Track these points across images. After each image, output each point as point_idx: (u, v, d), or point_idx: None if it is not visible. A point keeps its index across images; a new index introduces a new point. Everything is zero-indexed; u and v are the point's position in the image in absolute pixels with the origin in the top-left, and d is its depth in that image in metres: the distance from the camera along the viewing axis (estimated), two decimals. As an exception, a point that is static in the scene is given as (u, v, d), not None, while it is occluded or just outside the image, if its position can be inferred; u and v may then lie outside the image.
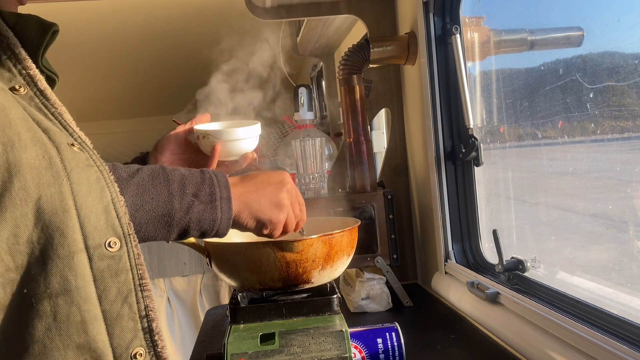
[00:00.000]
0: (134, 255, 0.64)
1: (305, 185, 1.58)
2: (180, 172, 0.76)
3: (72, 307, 0.59)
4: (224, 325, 1.44)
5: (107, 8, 2.33)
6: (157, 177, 0.73)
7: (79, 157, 0.63)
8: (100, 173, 0.64)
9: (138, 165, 0.74)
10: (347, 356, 0.85)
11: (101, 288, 0.61)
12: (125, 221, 0.64)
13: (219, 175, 0.79)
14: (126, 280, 0.63)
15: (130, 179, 0.71)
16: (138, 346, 0.63)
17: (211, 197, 0.76)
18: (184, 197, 0.74)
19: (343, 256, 0.99)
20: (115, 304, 0.62)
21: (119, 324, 0.62)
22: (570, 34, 1.24)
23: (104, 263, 0.61)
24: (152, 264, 3.19)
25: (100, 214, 0.62)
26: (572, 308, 1.01)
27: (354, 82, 1.60)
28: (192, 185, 0.75)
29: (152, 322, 0.64)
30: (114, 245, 0.62)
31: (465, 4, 1.43)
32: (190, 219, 0.74)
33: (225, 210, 0.77)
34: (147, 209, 0.71)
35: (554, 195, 1.44)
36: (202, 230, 0.76)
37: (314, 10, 1.76)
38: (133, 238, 0.64)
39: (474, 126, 1.37)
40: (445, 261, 1.48)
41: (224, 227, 0.78)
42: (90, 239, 0.60)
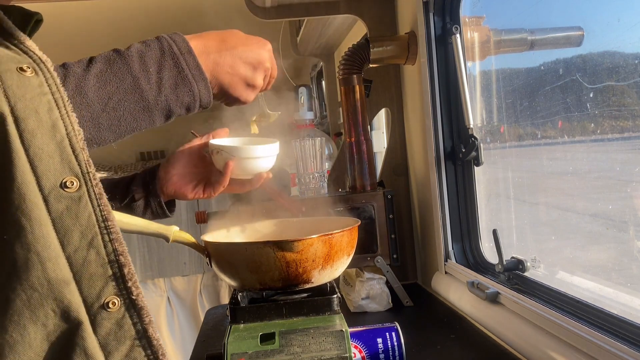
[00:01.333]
0: (96, 194, 0.58)
1: (305, 185, 1.58)
2: (137, 48, 0.70)
3: (30, 253, 0.54)
4: (224, 325, 1.44)
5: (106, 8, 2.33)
6: (114, 62, 0.67)
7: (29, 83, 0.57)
8: (53, 102, 0.58)
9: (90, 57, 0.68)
10: (347, 356, 0.85)
11: (62, 233, 0.56)
12: (84, 158, 0.58)
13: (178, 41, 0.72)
14: (89, 223, 0.58)
15: (87, 72, 0.65)
16: (110, 294, 0.58)
17: (178, 69, 0.70)
18: (150, 77, 0.68)
19: (343, 256, 0.99)
20: (80, 250, 0.57)
21: (87, 271, 0.57)
22: (570, 34, 1.24)
23: (62, 205, 0.56)
24: (152, 264, 3.19)
25: (53, 151, 0.56)
26: (572, 308, 1.01)
27: (354, 82, 1.60)
28: (154, 62, 0.69)
29: (124, 268, 0.59)
30: (72, 185, 0.57)
31: (465, 4, 1.43)
32: (166, 96, 0.69)
33: (199, 76, 0.72)
34: (116, 99, 0.66)
35: (554, 195, 1.44)
36: (186, 105, 0.71)
37: (314, 10, 1.76)
38: (93, 176, 0.58)
39: (474, 126, 1.37)
40: (445, 261, 1.48)
41: (206, 96, 0.73)
42: (44, 179, 0.55)
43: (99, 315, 0.58)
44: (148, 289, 3.19)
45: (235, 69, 0.77)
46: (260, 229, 1.14)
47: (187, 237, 0.93)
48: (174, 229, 0.90)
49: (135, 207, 0.99)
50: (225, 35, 0.78)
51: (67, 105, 0.58)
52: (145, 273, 3.19)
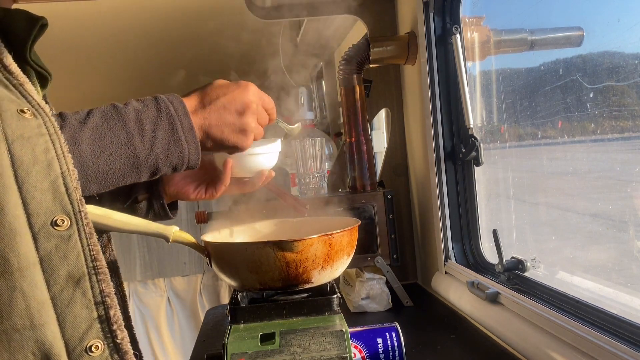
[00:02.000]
0: (86, 234, 0.58)
1: (305, 185, 1.58)
2: (134, 106, 0.71)
3: (15, 291, 0.53)
4: (224, 325, 1.44)
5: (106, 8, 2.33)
6: (110, 118, 0.68)
7: (28, 124, 0.57)
8: (50, 143, 0.58)
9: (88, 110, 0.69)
10: (347, 356, 0.85)
11: (49, 272, 0.55)
12: (76, 197, 0.58)
13: (175, 103, 0.73)
14: (77, 262, 0.57)
15: (83, 125, 0.66)
16: (94, 338, 0.57)
17: (172, 130, 0.71)
18: (144, 135, 0.68)
19: (343, 256, 0.99)
20: (66, 290, 0.56)
21: (71, 312, 0.56)
22: (570, 34, 1.24)
23: (51, 243, 0.56)
24: (152, 264, 3.19)
25: (46, 189, 0.56)
26: (572, 308, 1.01)
27: (354, 82, 1.60)
28: (150, 120, 0.70)
29: (110, 310, 0.58)
30: (62, 224, 0.57)
31: (465, 4, 1.43)
32: (157, 155, 0.69)
33: (191, 140, 0.72)
34: (108, 154, 0.66)
35: (554, 195, 1.44)
36: (173, 165, 0.72)
37: (314, 10, 1.76)
38: (84, 215, 0.58)
39: (474, 126, 1.37)
40: (445, 261, 1.48)
41: (194, 159, 0.74)
42: (35, 216, 0.55)
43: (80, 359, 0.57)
44: (148, 289, 3.19)
45: (222, 120, 0.77)
46: (260, 229, 1.14)
47: (187, 237, 0.93)
48: (174, 229, 0.90)
49: (138, 208, 0.99)
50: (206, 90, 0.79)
51: (63, 146, 0.59)
52: (145, 273, 3.19)
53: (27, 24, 0.69)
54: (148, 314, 3.13)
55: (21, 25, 0.68)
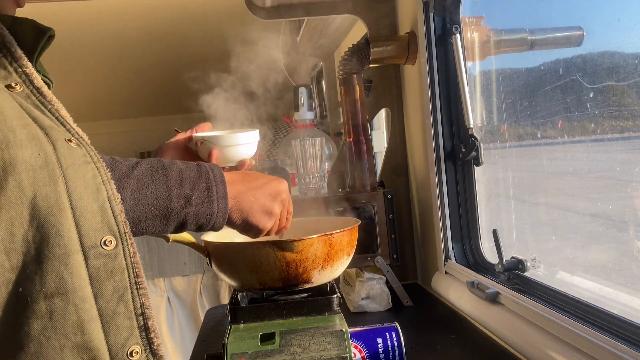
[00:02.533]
0: (130, 253, 0.64)
1: (305, 185, 1.58)
2: (178, 166, 0.76)
3: (69, 306, 0.58)
4: (224, 325, 1.44)
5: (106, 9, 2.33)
6: (156, 171, 0.73)
7: (76, 153, 0.63)
8: (97, 170, 0.63)
9: (137, 159, 0.74)
10: (347, 356, 0.85)
11: (97, 287, 0.61)
12: (121, 219, 0.63)
13: (215, 170, 0.79)
14: (122, 278, 0.63)
15: (130, 172, 0.71)
16: (134, 344, 0.63)
17: (208, 192, 0.76)
18: (182, 192, 0.74)
19: (343, 256, 0.99)
20: (111, 303, 0.62)
21: (115, 322, 0.62)
22: (570, 34, 1.24)
23: (100, 262, 0.61)
24: (152, 264, 3.19)
25: (96, 212, 0.61)
26: (572, 308, 1.01)
27: (354, 82, 1.60)
28: (190, 181, 0.75)
29: (148, 320, 0.65)
30: (110, 244, 0.62)
31: (465, 4, 1.43)
32: (187, 213, 0.74)
33: (222, 205, 0.78)
34: (145, 203, 0.71)
35: (554, 195, 1.44)
36: (199, 224, 0.77)
37: (314, 10, 1.76)
38: (129, 236, 0.64)
39: (474, 126, 1.37)
40: (445, 261, 1.48)
41: (220, 222, 0.78)
42: (86, 237, 0.60)
43: None
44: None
45: (256, 196, 0.84)
46: (260, 229, 1.14)
47: (187, 237, 0.93)
48: (174, 229, 0.90)
49: None
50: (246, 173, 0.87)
51: (107, 173, 0.64)
52: (146, 273, 3.15)
53: (35, 34, 0.71)
54: (148, 314, 3.12)
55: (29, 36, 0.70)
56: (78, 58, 2.88)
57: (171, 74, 3.23)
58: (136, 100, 3.66)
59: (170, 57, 3.02)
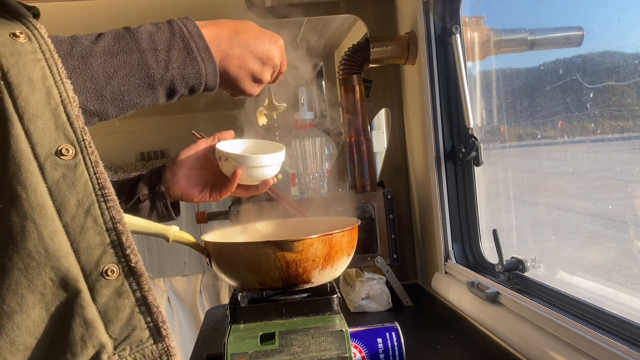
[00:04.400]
0: (92, 162, 0.58)
1: (305, 185, 1.58)
2: (147, 28, 0.70)
3: (27, 221, 0.54)
4: (224, 325, 1.44)
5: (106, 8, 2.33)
6: (122, 38, 0.67)
7: (22, 49, 0.56)
8: (47, 68, 0.57)
9: (99, 32, 0.68)
10: (347, 356, 0.85)
11: (58, 200, 0.56)
12: (79, 125, 0.57)
13: (189, 25, 0.72)
14: (85, 190, 0.57)
15: (94, 45, 0.64)
16: (109, 262, 0.58)
17: (187, 51, 0.70)
18: (158, 55, 0.68)
19: (343, 256, 0.99)
20: (78, 218, 0.56)
21: (84, 238, 0.57)
22: (570, 34, 1.24)
23: (58, 172, 0.56)
24: (152, 264, 3.19)
25: (48, 118, 0.55)
26: (572, 308, 1.01)
27: (354, 82, 1.60)
28: (163, 42, 0.69)
29: (121, 235, 0.59)
30: (67, 153, 0.56)
31: (465, 4, 1.43)
32: (172, 75, 0.69)
33: (207, 59, 0.71)
34: (121, 74, 0.65)
35: (554, 195, 1.44)
36: (190, 86, 0.71)
37: (314, 10, 1.76)
38: (89, 144, 0.58)
39: (473, 126, 1.37)
40: (445, 261, 1.48)
41: (212, 78, 0.73)
42: (39, 146, 0.55)
43: (97, 283, 0.57)
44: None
45: (244, 62, 0.76)
46: (260, 229, 1.14)
47: (187, 237, 0.93)
48: (174, 229, 0.90)
49: (141, 208, 0.99)
50: (238, 26, 0.78)
51: (61, 71, 0.58)
52: (145, 273, 3.19)
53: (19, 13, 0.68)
54: (148, 314, 3.12)
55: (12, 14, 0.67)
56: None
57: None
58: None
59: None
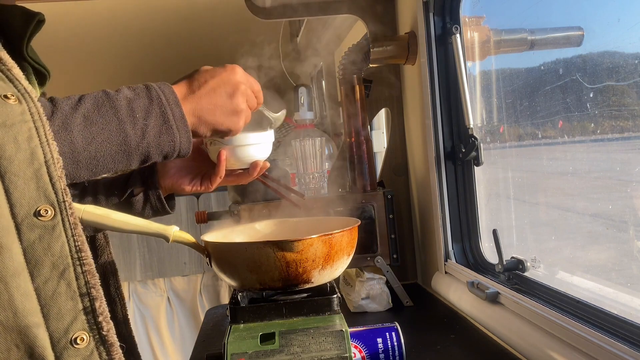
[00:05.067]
0: (70, 224, 0.57)
1: (305, 185, 1.58)
2: (125, 94, 0.70)
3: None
4: (224, 325, 1.44)
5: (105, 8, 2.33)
6: (102, 105, 0.68)
7: (11, 110, 0.56)
8: (34, 130, 0.57)
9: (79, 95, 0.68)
10: (347, 356, 0.85)
11: (32, 262, 0.54)
12: (61, 186, 0.57)
13: (166, 92, 0.73)
14: (62, 253, 0.56)
15: (74, 111, 0.65)
16: (79, 329, 0.56)
17: (164, 119, 0.71)
18: (136, 124, 0.69)
19: (343, 256, 0.99)
20: (51, 282, 0.55)
21: (55, 304, 0.55)
22: (570, 34, 1.24)
23: (35, 234, 0.55)
24: (152, 264, 3.19)
25: (29, 178, 0.55)
26: (572, 308, 1.01)
27: (354, 82, 1.60)
28: (141, 109, 0.70)
29: (95, 301, 0.57)
30: (46, 214, 0.55)
31: (465, 4, 1.43)
32: (148, 143, 0.69)
33: (182, 128, 0.72)
34: (99, 140, 0.66)
35: (554, 195, 1.44)
36: (164, 154, 0.72)
37: (314, 10, 1.76)
38: (69, 205, 0.57)
39: (473, 126, 1.37)
40: (445, 261, 1.48)
41: (186, 147, 0.74)
42: (18, 206, 0.54)
43: (65, 352, 0.56)
44: (148, 289, 3.19)
45: (213, 103, 0.77)
46: (260, 229, 1.14)
47: (187, 237, 0.93)
48: (174, 229, 0.90)
49: (135, 202, 0.98)
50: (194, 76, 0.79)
51: (47, 133, 0.58)
52: (145, 273, 3.19)
53: (24, 19, 0.69)
54: (148, 314, 3.13)
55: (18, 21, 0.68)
56: (78, 58, 2.88)
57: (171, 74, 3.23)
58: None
59: (170, 57, 3.02)
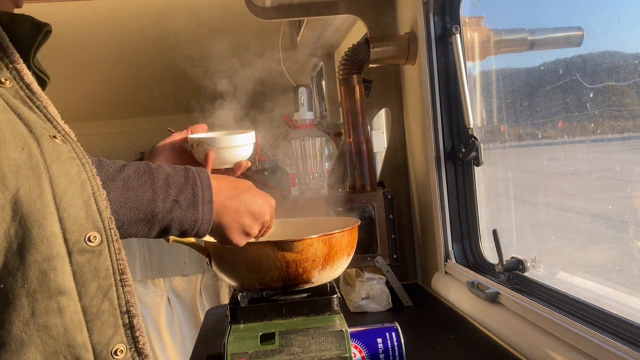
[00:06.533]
0: (115, 249, 0.63)
1: (305, 185, 1.58)
2: (165, 170, 0.76)
3: (51, 302, 0.58)
4: (224, 325, 1.44)
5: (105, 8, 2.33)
6: (142, 174, 0.73)
7: (61, 149, 0.62)
8: (82, 166, 0.63)
9: (124, 162, 0.74)
10: (347, 356, 0.85)
11: (81, 284, 0.60)
12: (107, 215, 0.63)
13: (202, 176, 0.78)
14: (106, 275, 0.62)
15: (117, 174, 0.70)
16: (119, 342, 0.62)
17: (194, 199, 0.75)
18: (167, 197, 0.73)
19: (343, 256, 0.99)
20: (95, 300, 0.61)
21: (99, 319, 0.61)
22: (570, 34, 1.24)
23: (84, 258, 0.60)
24: (152, 264, 3.19)
25: (80, 207, 0.61)
26: (572, 308, 1.01)
27: (354, 82, 1.60)
28: (176, 186, 0.75)
29: (134, 318, 0.64)
30: (94, 240, 0.61)
31: (465, 4, 1.43)
32: (172, 218, 0.73)
33: (207, 212, 0.77)
34: (130, 206, 0.70)
35: (554, 195, 1.44)
36: (183, 230, 0.76)
37: (314, 10, 1.76)
38: (114, 232, 0.63)
39: (474, 126, 1.37)
40: (445, 261, 1.48)
41: (204, 229, 0.78)
42: (70, 232, 0.60)
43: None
44: (148, 289, 3.19)
45: (238, 214, 0.82)
46: (260, 229, 1.14)
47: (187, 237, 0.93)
48: (174, 229, 0.90)
49: None
50: (238, 184, 0.84)
51: (92, 170, 0.64)
52: (145, 273, 3.19)
53: (32, 30, 0.70)
54: (148, 314, 3.13)
55: (26, 31, 0.70)
56: (77, 58, 2.88)
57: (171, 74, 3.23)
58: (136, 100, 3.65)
59: (169, 57, 3.02)
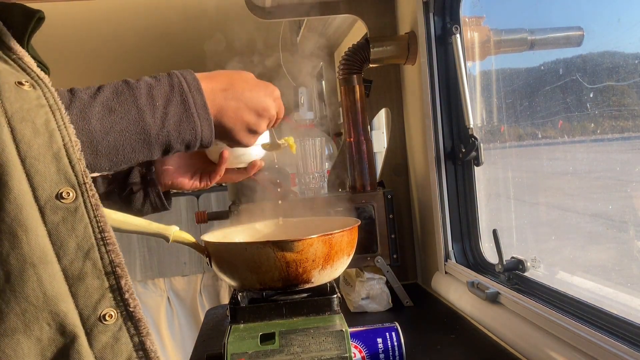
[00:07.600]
0: (92, 205, 0.58)
1: (305, 185, 1.58)
2: (147, 82, 0.70)
3: (26, 265, 0.54)
4: (224, 325, 1.44)
5: (105, 8, 2.33)
6: (121, 93, 0.67)
7: (27, 96, 0.57)
8: (51, 114, 0.58)
9: (99, 85, 0.68)
10: (347, 356, 0.85)
11: (58, 244, 0.56)
12: (80, 169, 0.58)
13: (189, 78, 0.72)
14: (85, 233, 0.57)
15: (93, 100, 0.65)
16: (107, 307, 0.58)
17: (185, 106, 0.70)
18: (156, 111, 0.68)
19: (343, 256, 0.99)
20: (76, 262, 0.57)
21: (83, 283, 0.57)
22: (570, 34, 1.24)
23: (58, 216, 0.56)
24: (152, 264, 3.19)
25: (49, 161, 0.56)
26: (572, 308, 1.01)
27: (354, 82, 1.60)
28: (162, 97, 0.69)
29: (120, 279, 0.59)
30: (68, 196, 0.56)
31: (465, 4, 1.43)
32: (168, 132, 0.69)
33: (204, 116, 0.72)
34: (118, 129, 0.65)
35: (554, 195, 1.44)
36: (186, 143, 0.71)
37: (314, 10, 1.76)
38: (89, 187, 0.58)
39: (474, 126, 1.37)
40: (445, 261, 1.48)
41: (208, 136, 0.73)
42: (40, 189, 0.55)
43: (95, 328, 0.57)
44: (148, 289, 3.19)
45: (239, 114, 0.77)
46: (260, 229, 1.14)
47: (187, 237, 0.93)
48: (174, 229, 0.90)
49: (135, 199, 0.98)
50: (234, 79, 0.78)
51: (64, 117, 0.58)
52: (145, 273, 3.19)
53: (24, 17, 0.68)
54: (148, 314, 3.13)
55: (18, 18, 0.67)
56: (77, 57, 2.88)
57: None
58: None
59: (169, 57, 3.02)
